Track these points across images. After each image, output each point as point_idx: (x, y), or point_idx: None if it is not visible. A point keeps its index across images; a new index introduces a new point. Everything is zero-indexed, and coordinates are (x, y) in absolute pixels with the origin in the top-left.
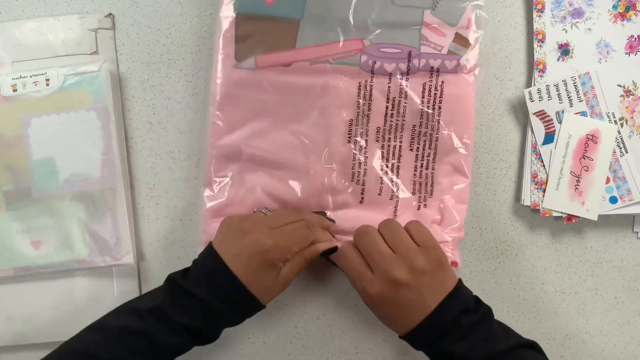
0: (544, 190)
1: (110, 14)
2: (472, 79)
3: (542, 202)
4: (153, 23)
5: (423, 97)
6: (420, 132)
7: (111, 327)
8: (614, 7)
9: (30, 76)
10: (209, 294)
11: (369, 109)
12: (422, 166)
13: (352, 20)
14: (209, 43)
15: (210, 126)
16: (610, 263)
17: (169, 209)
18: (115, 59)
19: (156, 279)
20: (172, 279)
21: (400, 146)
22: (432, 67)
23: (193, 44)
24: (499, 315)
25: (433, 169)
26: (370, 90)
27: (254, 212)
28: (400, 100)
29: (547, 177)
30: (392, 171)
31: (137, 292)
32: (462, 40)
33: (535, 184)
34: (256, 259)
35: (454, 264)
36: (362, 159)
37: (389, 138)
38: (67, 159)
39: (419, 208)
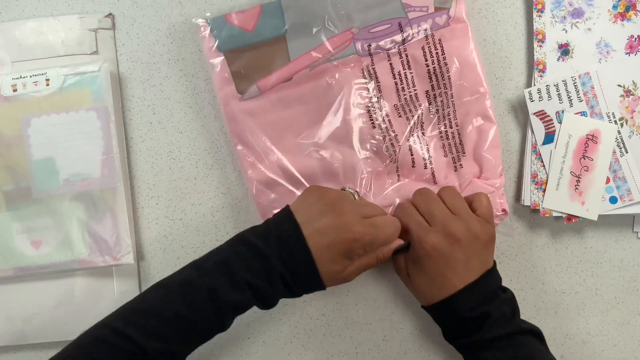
0: (544, 190)
1: (110, 14)
2: (466, 26)
3: (542, 202)
4: (153, 23)
5: (426, 60)
6: (435, 94)
7: (173, 283)
8: (614, 7)
9: (30, 76)
10: (277, 256)
11: (380, 91)
12: (446, 126)
13: (334, 16)
14: None
15: (243, 167)
16: (610, 263)
17: (169, 209)
18: (115, 59)
19: (156, 279)
20: (240, 235)
21: (422, 114)
22: (426, 29)
23: (193, 44)
24: None
25: (457, 125)
26: (375, 72)
27: (342, 189)
28: (405, 72)
29: (547, 177)
30: (420, 141)
31: (137, 292)
32: None
33: (535, 184)
34: (340, 243)
35: (505, 211)
36: (393, 139)
37: (409, 109)
38: (67, 159)
39: (455, 169)
